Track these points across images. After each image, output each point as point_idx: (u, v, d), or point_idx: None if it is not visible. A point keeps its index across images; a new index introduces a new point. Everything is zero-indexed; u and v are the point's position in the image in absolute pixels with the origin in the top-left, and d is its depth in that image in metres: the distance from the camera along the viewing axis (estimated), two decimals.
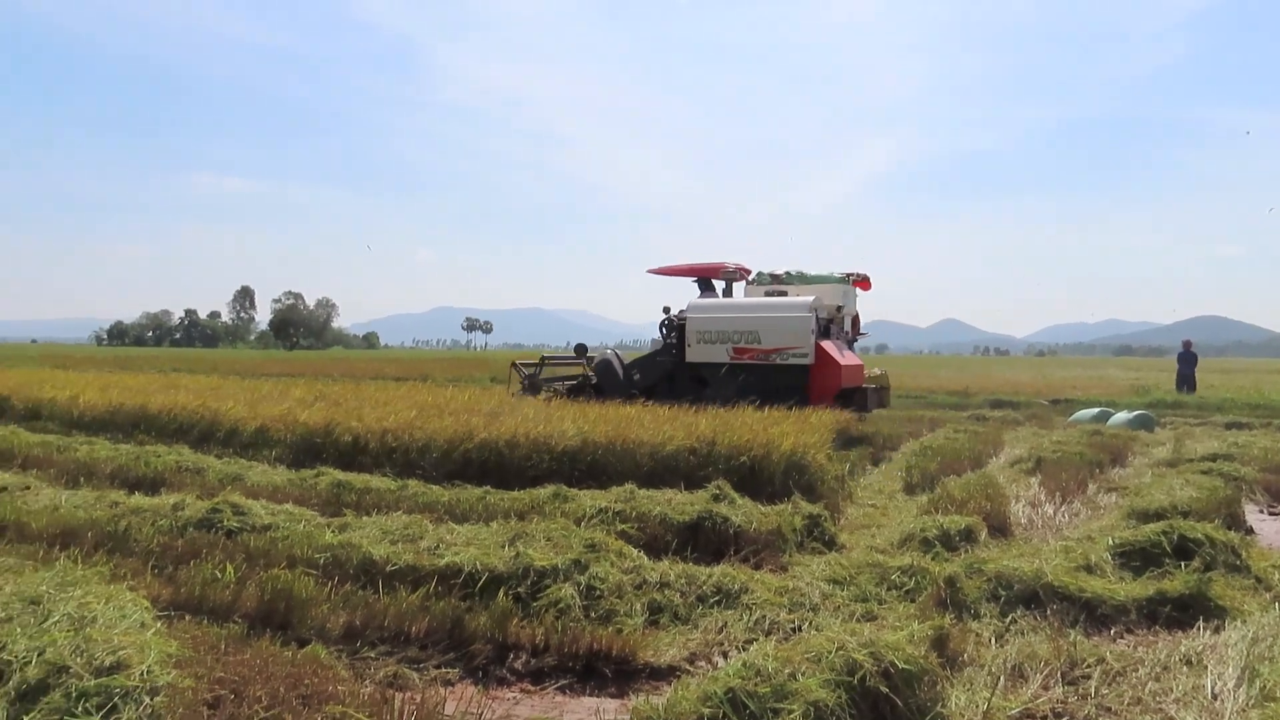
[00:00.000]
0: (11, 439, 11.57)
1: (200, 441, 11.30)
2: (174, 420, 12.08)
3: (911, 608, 5.01)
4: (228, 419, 11.55)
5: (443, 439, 9.57)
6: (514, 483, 8.65)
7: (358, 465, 9.62)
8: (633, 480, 8.11)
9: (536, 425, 9.70)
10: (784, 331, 14.13)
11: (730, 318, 14.61)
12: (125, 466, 9.34)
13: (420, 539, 6.03)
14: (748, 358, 14.33)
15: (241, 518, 6.66)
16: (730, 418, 10.31)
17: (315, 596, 5.03)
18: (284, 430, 10.77)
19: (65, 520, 6.68)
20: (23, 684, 3.46)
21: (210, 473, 9.22)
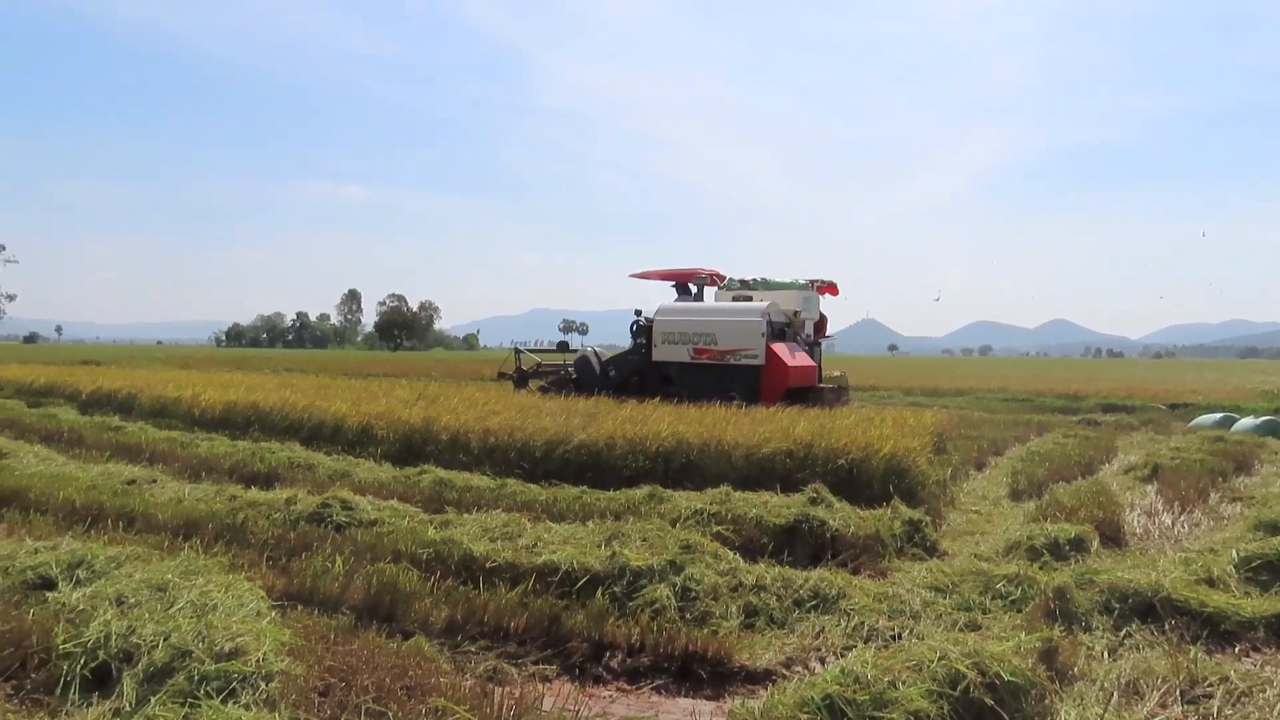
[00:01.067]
0: (140, 435, 12.27)
1: (310, 439, 11.76)
2: (286, 418, 12.60)
3: (1018, 618, 4.84)
4: (335, 417, 11.99)
5: (542, 440, 9.72)
6: (610, 483, 8.72)
7: (458, 464, 9.85)
8: (727, 482, 8.07)
9: (632, 427, 9.76)
10: (737, 334, 15.17)
11: (691, 320, 15.71)
12: (242, 462, 9.79)
13: (519, 537, 6.14)
14: (706, 357, 15.40)
15: (349, 513, 6.91)
16: (828, 421, 10.18)
17: (418, 590, 5.18)
18: (387, 429, 11.11)
19: (188, 512, 7.06)
20: (150, 666, 3.67)
21: (320, 469, 9.59)
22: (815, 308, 16.53)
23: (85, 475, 9.00)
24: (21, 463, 9.87)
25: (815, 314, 16.57)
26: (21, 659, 4.07)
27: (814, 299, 16.52)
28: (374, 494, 7.80)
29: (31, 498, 7.72)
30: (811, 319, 16.47)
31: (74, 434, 12.52)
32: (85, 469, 9.49)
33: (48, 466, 9.66)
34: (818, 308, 16.65)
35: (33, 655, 4.05)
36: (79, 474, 9.10)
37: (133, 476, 8.86)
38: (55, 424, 13.70)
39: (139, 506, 7.26)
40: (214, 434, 12.56)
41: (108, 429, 13.15)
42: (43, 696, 3.80)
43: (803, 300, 16.23)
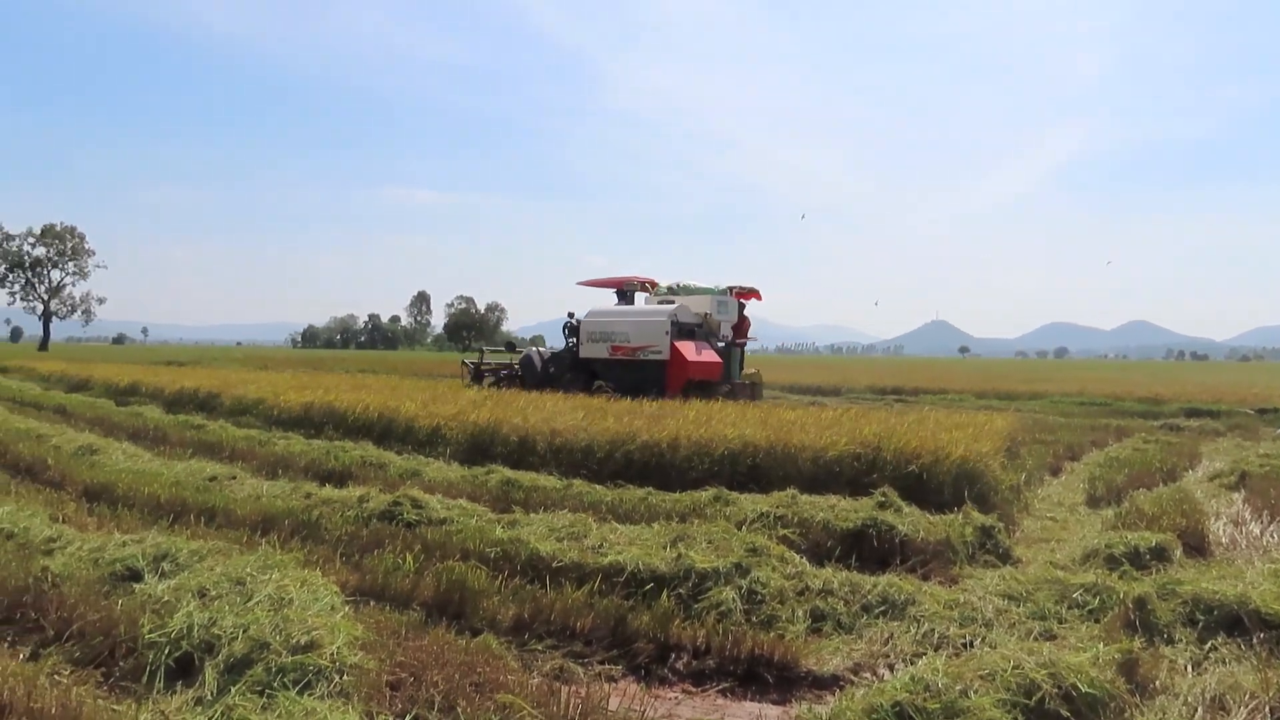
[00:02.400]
0: (221, 433, 12.67)
1: (381, 438, 12.00)
2: (359, 418, 12.88)
3: (1095, 629, 4.70)
4: (405, 418, 12.22)
5: (606, 440, 9.76)
6: (675, 484, 8.71)
7: (525, 464, 9.95)
8: (794, 485, 8.00)
9: (697, 429, 9.74)
10: (646, 333, 17.30)
11: (610, 321, 17.92)
12: (317, 460, 10.04)
13: (585, 537, 6.18)
14: (621, 354, 17.56)
15: (420, 511, 7.04)
16: (897, 423, 10.02)
17: (486, 589, 5.25)
18: (456, 429, 11.28)
19: (266, 508, 7.27)
20: (230, 657, 3.79)
21: (391, 468, 9.77)
22: (731, 311, 18.43)
23: (170, 471, 9.34)
24: (111, 459, 10.28)
25: (732, 317, 18.48)
26: (110, 648, 4.23)
27: (730, 304, 18.39)
28: (443, 493, 7.93)
29: (120, 492, 8.05)
30: (728, 321, 18.34)
31: (159, 432, 12.99)
32: (170, 465, 9.85)
33: (135, 463, 10.04)
34: (734, 312, 18.55)
35: (121, 644, 4.22)
36: (164, 470, 9.45)
37: (214, 473, 9.16)
38: (142, 422, 14.24)
39: (220, 502, 7.51)
40: (290, 433, 12.89)
41: (190, 427, 13.61)
42: (130, 684, 3.95)
43: (715, 304, 18.02)
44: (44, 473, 9.39)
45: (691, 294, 18.63)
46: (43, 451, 10.59)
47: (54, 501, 7.76)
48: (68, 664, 4.17)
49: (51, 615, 4.57)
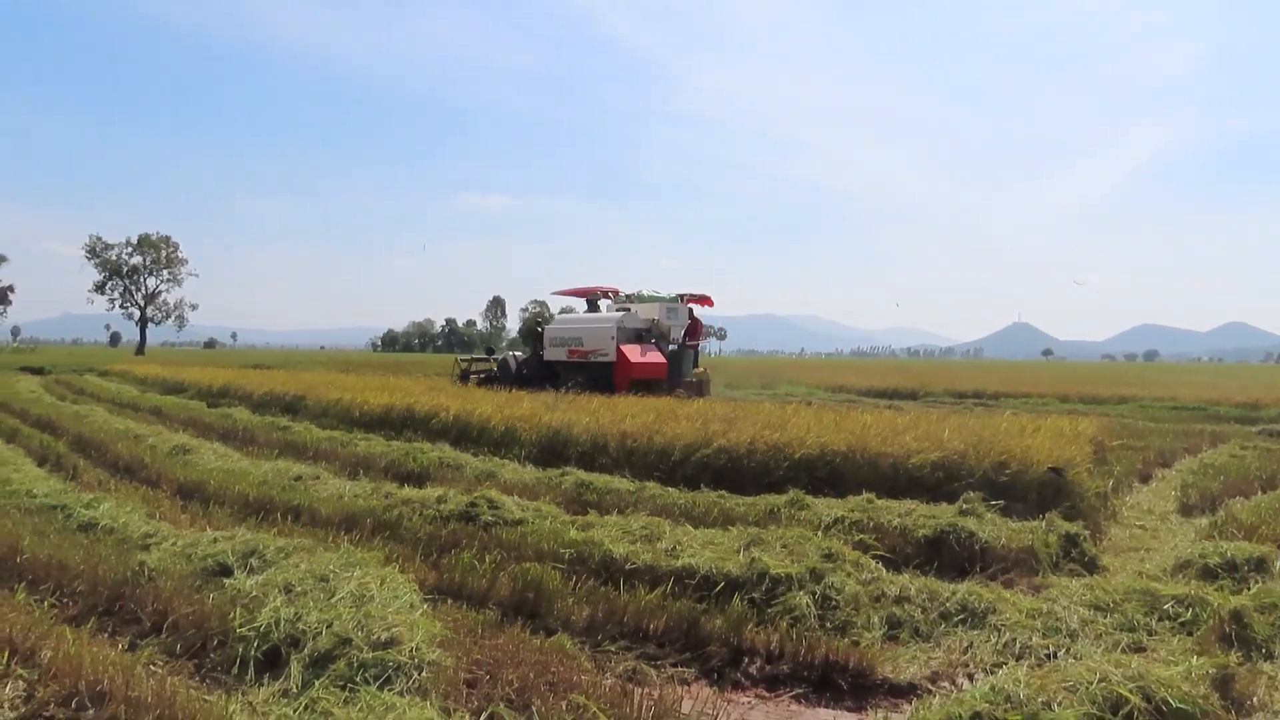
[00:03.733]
0: (305, 435, 13.07)
1: (459, 440, 12.23)
2: (437, 421, 13.16)
3: (1188, 642, 4.51)
4: (481, 419, 12.43)
5: (680, 443, 9.78)
6: (750, 488, 8.67)
7: (597, 466, 10.02)
8: (871, 490, 7.89)
9: (772, 433, 9.67)
10: (595, 338, 19.50)
11: (568, 327, 20.37)
12: (396, 461, 10.29)
13: (658, 540, 6.19)
14: (576, 356, 19.77)
15: (496, 512, 7.16)
16: (978, 427, 9.80)
17: (561, 590, 5.30)
18: (530, 431, 11.43)
19: (348, 508, 7.48)
20: (315, 652, 3.91)
21: (467, 469, 9.96)
22: (682, 316, 20.32)
23: (257, 471, 9.68)
24: (202, 458, 10.70)
25: (683, 321, 20.40)
26: (203, 639, 4.41)
27: (680, 309, 20.29)
28: (519, 494, 8.04)
29: (211, 490, 8.37)
30: (679, 326, 20.26)
31: (247, 432, 13.46)
32: (257, 465, 10.20)
33: (225, 462, 10.43)
34: (684, 316, 20.43)
35: (212, 637, 4.39)
36: (252, 470, 9.79)
37: (299, 473, 9.45)
38: (231, 423, 14.76)
39: (304, 501, 7.75)
40: (371, 434, 13.23)
41: (277, 428, 14.06)
42: (221, 675, 4.11)
43: (665, 310, 19.97)
44: (141, 471, 9.82)
45: (644, 302, 20.51)
46: (140, 451, 11.07)
47: (150, 499, 8.12)
48: (163, 654, 4.35)
49: (148, 608, 4.77)
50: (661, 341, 19.89)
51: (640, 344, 19.41)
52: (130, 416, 16.41)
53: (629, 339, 19.35)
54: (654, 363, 19.13)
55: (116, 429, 13.75)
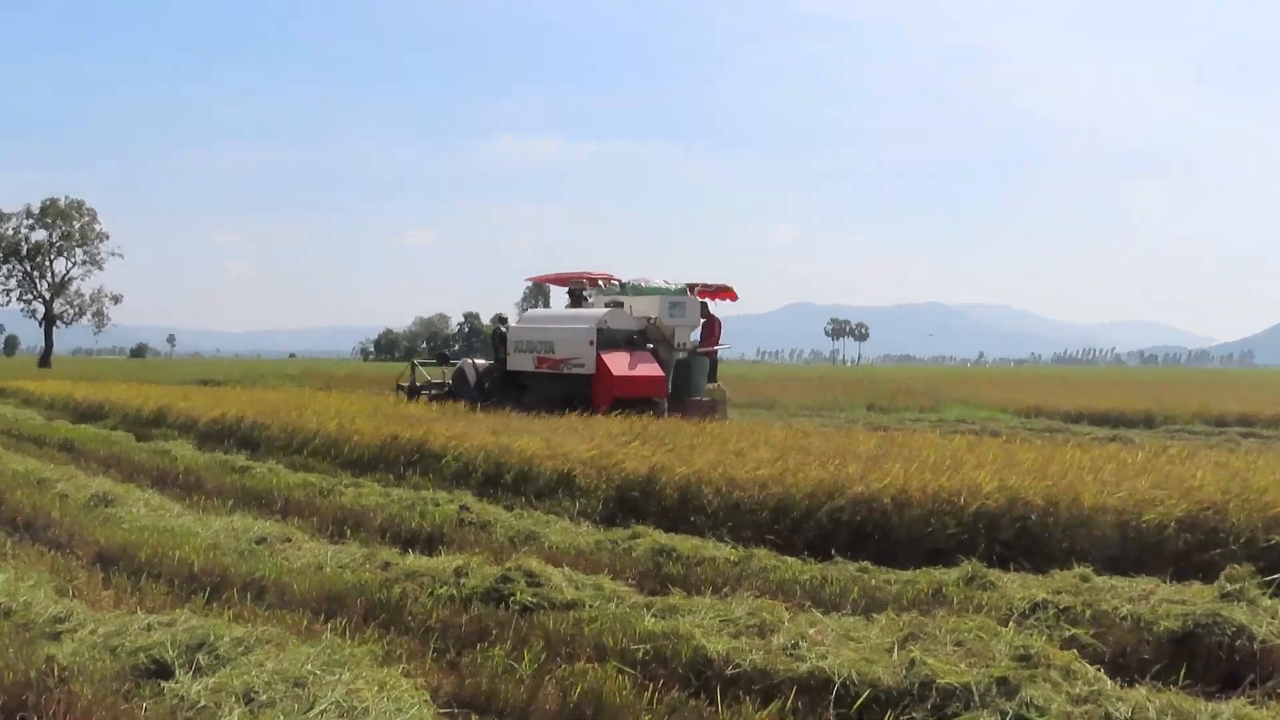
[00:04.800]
0: (271, 479, 13.41)
1: (486, 486, 12.41)
2: (458, 458, 13.40)
3: None
4: (522, 458, 12.58)
5: (803, 492, 9.74)
6: (904, 557, 8.60)
7: (685, 524, 10.07)
8: (1085, 561, 7.78)
9: (935, 476, 9.56)
10: (570, 343, 20.67)
11: (536, 329, 21.85)
12: (398, 517, 10.48)
13: (773, 632, 6.17)
14: (546, 367, 20.99)
15: (538, 590, 7.21)
16: (1248, 470, 9.53)
17: (631, 703, 5.33)
18: (592, 475, 11.53)
19: (331, 583, 7.62)
20: None
21: (498, 528, 10.09)
22: (691, 314, 21.53)
23: (205, 530, 9.96)
24: (130, 512, 11.06)
25: (693, 321, 21.63)
26: None
27: (688, 305, 21.51)
28: (571, 564, 8.11)
29: (143, 558, 8.64)
30: (686, 326, 21.41)
31: (191, 476, 13.88)
32: (205, 522, 10.50)
33: (160, 518, 10.76)
34: (694, 314, 21.66)
35: None
36: (198, 528, 10.08)
37: (263, 533, 9.70)
38: (169, 462, 15.25)
39: (270, 573, 7.94)
40: (363, 478, 13.53)
41: (232, 470, 14.46)
42: None
43: (666, 306, 21.09)
44: (47, 530, 10.19)
45: (641, 294, 21.73)
46: (46, 502, 11.51)
47: (61, 568, 8.43)
48: None
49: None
50: (661, 347, 21.04)
51: (630, 351, 20.64)
52: (33, 453, 17.06)
53: (614, 344, 20.54)
54: (645, 376, 20.36)
55: (15, 471, 14.32)
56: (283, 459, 15.71)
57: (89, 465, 15.45)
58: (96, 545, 9.27)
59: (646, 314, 21.17)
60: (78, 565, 8.67)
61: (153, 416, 22.75)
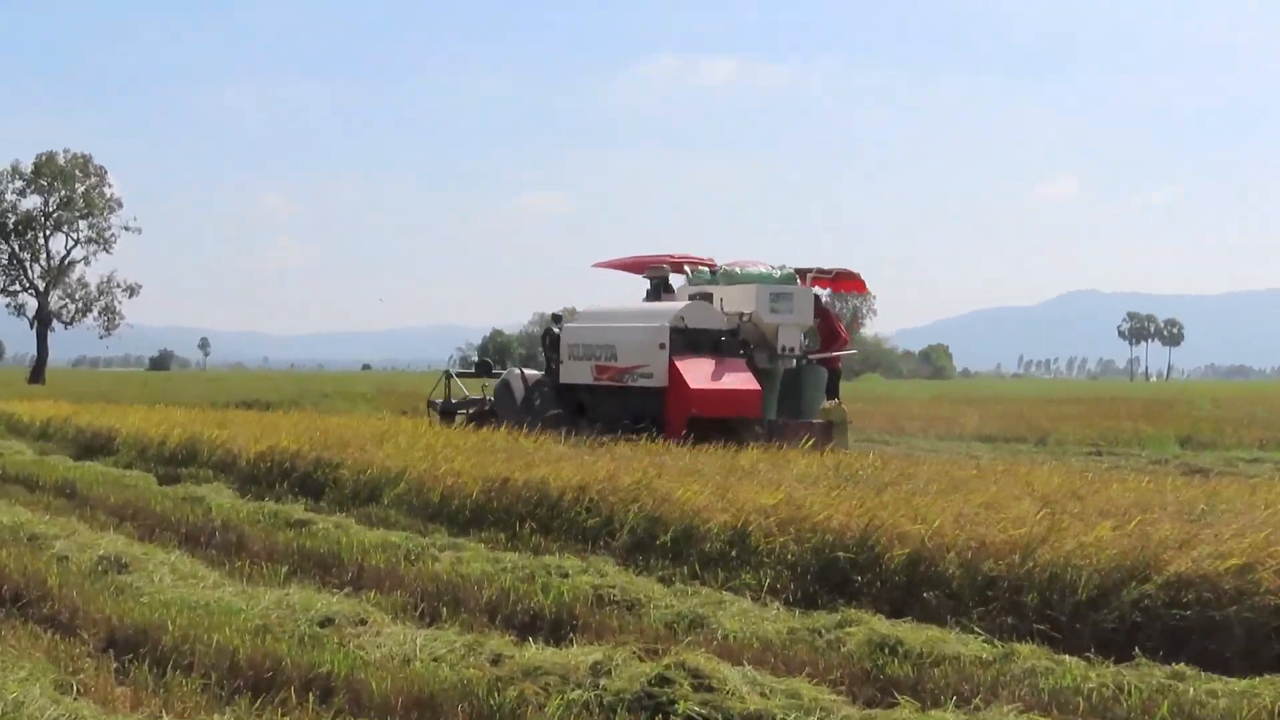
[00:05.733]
0: (338, 538, 13.66)
1: (635, 550, 12.46)
2: (593, 511, 13.47)
3: None
4: (684, 512, 12.58)
5: (1091, 566, 9.62)
6: (1239, 659, 8.41)
7: (917, 607, 9.99)
8: None
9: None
10: (635, 347, 21.83)
11: (597, 329, 23.00)
12: (512, 591, 10.55)
13: None
14: (607, 378, 22.29)
15: (708, 697, 7.20)
16: None
17: None
18: (780, 535, 11.48)
19: (421, 681, 7.72)
20: None
21: (651, 609, 10.15)
22: (801, 310, 22.66)
23: (252, 607, 10.17)
24: (151, 581, 11.35)
25: (805, 318, 22.71)
26: None
27: (796, 297, 22.64)
28: (754, 661, 8.11)
29: (168, 643, 8.86)
30: (797, 324, 22.48)
31: (231, 532, 14.20)
32: (251, 595, 10.72)
33: (191, 589, 11.02)
34: (808, 310, 22.85)
35: None
36: (241, 604, 10.30)
37: (328, 612, 9.85)
38: (201, 514, 15.64)
39: (339, 667, 8.06)
40: (464, 537, 13.80)
41: (286, 524, 14.78)
42: None
43: (766, 299, 22.17)
44: (43, 604, 10.50)
45: (734, 282, 23.06)
46: (40, 567, 11.81)
47: (61, 655, 8.67)
48: None
49: None
50: (759, 353, 22.31)
51: (715, 357, 21.71)
52: (21, 500, 17.61)
53: (694, 348, 21.62)
54: (733, 390, 21.50)
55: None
56: (354, 510, 16.07)
57: (96, 517, 15.91)
58: (107, 625, 9.51)
59: (740, 308, 22.12)
60: (83, 652, 8.89)
61: (180, 451, 23.20)
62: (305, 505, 16.65)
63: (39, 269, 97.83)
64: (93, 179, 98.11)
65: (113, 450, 25.69)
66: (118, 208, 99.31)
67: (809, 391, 22.28)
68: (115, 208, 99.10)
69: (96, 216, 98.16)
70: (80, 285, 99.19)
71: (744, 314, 22.09)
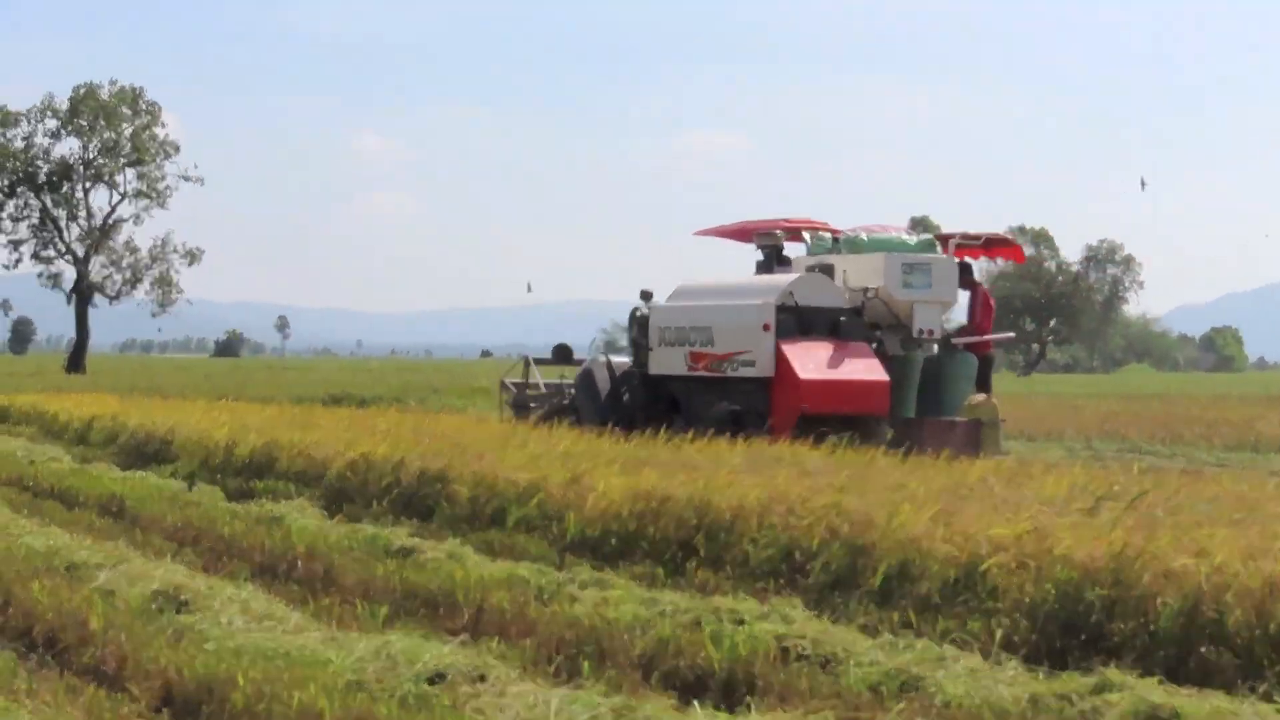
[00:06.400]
0: (451, 572, 13.69)
1: (830, 590, 12.44)
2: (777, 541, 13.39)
3: None
4: (894, 541, 12.51)
5: None
6: None
7: (1196, 667, 9.87)
8: None
9: None
10: (734, 330, 23.21)
11: (690, 309, 24.64)
12: (672, 642, 10.56)
13: None
14: (703, 366, 23.76)
15: None
16: None
17: None
18: (1018, 573, 11.43)
19: None
20: None
21: (850, 667, 10.09)
22: (942, 282, 23.56)
23: (343, 658, 10.23)
24: (218, 624, 11.46)
25: (941, 293, 23.69)
26: None
27: (933, 268, 23.56)
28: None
29: (237, 703, 8.95)
30: (936, 300, 23.62)
31: (317, 562, 14.34)
32: (342, 643, 10.79)
33: (267, 634, 11.12)
34: (949, 282, 23.82)
35: None
36: (330, 654, 10.36)
37: (439, 665, 9.88)
38: (279, 539, 15.83)
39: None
40: (610, 570, 13.88)
41: (386, 553, 14.93)
42: None
43: (896, 270, 23.20)
44: (83, 650, 10.65)
45: (859, 249, 24.56)
46: (79, 603, 11.93)
47: (104, 715, 8.79)
48: None
49: None
50: (890, 336, 23.73)
51: (832, 341, 23.02)
52: (59, 519, 17.93)
53: (807, 329, 22.98)
54: (853, 381, 22.74)
55: (29, 551, 15.13)
56: (472, 536, 16.22)
57: (149, 541, 16.18)
58: (163, 678, 9.55)
59: (866, 283, 23.38)
60: (132, 712, 9.00)
61: (253, 460, 23.49)
62: (410, 529, 16.77)
63: (77, 230, 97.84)
64: (143, 118, 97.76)
65: (169, 458, 26.08)
66: (174, 153, 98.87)
67: (953, 384, 22.77)
68: (171, 153, 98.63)
69: (148, 164, 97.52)
70: (129, 250, 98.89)
71: (871, 289, 23.09)
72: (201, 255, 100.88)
